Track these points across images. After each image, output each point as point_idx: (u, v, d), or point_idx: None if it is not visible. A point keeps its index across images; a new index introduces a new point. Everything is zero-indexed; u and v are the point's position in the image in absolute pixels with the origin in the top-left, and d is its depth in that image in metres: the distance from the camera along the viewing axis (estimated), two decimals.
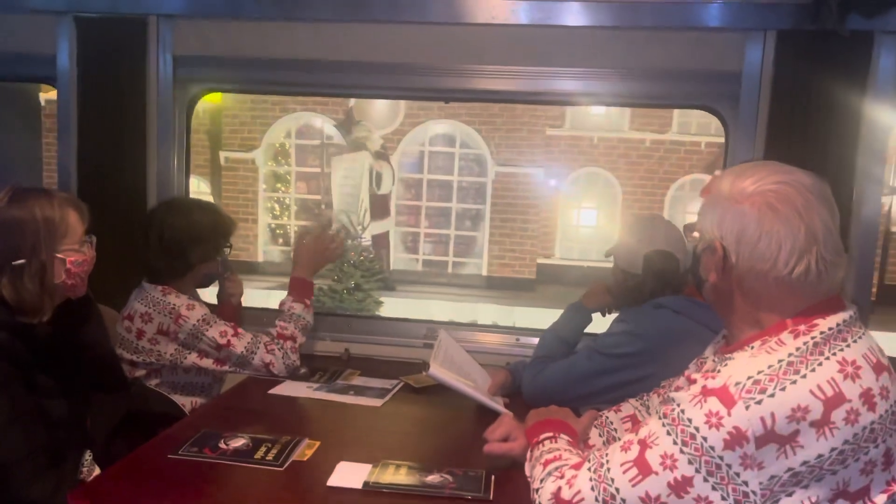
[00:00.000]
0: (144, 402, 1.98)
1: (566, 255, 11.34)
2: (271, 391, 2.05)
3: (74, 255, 1.66)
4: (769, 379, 1.09)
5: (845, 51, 2.08)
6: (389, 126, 10.48)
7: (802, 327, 1.17)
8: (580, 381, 1.92)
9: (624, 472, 1.16)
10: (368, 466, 1.53)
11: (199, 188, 10.68)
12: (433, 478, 1.50)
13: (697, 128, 10.85)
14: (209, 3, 2.42)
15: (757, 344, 1.20)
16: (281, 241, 10.93)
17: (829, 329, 1.16)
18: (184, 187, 2.62)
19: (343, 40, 2.43)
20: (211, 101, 10.01)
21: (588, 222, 11.33)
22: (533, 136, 10.56)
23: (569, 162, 10.96)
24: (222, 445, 1.62)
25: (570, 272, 10.74)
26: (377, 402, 2.00)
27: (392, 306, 7.96)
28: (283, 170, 10.68)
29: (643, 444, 1.16)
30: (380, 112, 10.39)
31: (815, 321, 1.17)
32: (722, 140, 2.45)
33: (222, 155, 10.72)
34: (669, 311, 1.92)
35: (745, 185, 1.20)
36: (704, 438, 1.10)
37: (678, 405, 1.14)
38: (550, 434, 1.46)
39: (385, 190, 9.92)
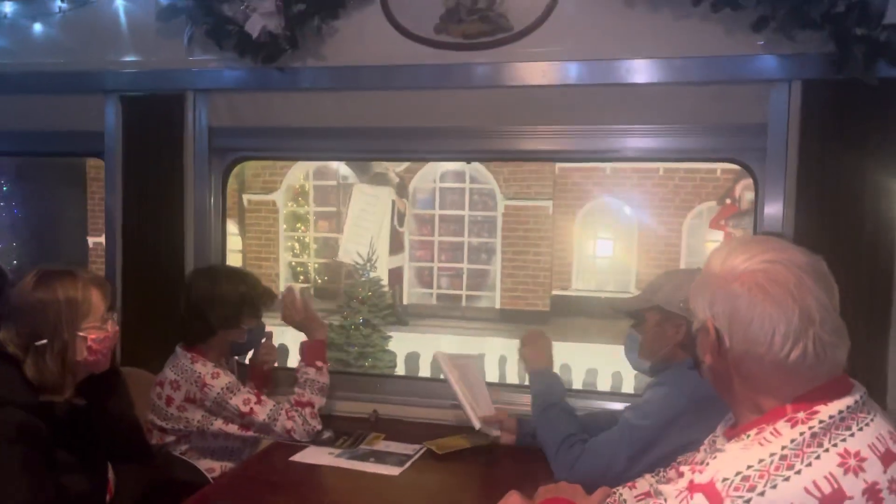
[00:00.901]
0: (170, 470, 2.04)
1: (583, 286, 11.27)
2: (293, 458, 2.07)
3: (96, 332, 1.73)
4: (759, 475, 1.03)
5: (874, 99, 1.98)
6: (400, 165, 10.62)
7: (801, 415, 1.11)
8: (626, 461, 1.76)
9: None
10: None
11: (228, 229, 11.00)
12: None
13: None
14: (240, 78, 2.53)
15: (752, 433, 1.13)
16: (302, 278, 11.15)
17: (831, 417, 1.08)
18: (220, 251, 2.71)
19: (374, 107, 2.48)
20: None
21: (604, 253, 11.24)
22: (541, 168, 10.56)
23: (582, 194, 10.90)
24: None
25: (587, 303, 10.64)
26: (395, 471, 1.99)
27: (399, 341, 7.95)
28: (303, 210, 10.96)
29: None
30: None
31: (816, 408, 1.10)
32: (738, 168, 2.37)
33: (245, 198, 11.14)
34: None
35: (736, 264, 1.15)
36: None
37: (665, 501, 1.09)
38: None
39: (404, 226, 10.00)
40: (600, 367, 6.92)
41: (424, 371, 7.26)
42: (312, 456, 2.09)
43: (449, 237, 11.00)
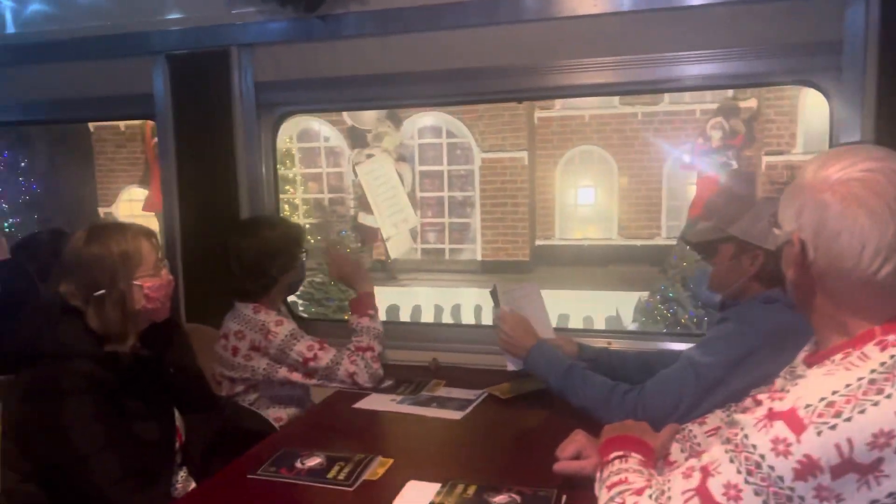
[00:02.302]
0: (237, 419, 2.07)
1: (565, 234, 11.31)
2: (356, 405, 2.08)
3: (150, 280, 1.75)
4: (846, 401, 0.96)
5: None
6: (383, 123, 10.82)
7: (892, 337, 1.03)
8: (694, 399, 1.68)
9: (685, 502, 1.07)
10: (437, 486, 1.51)
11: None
12: (500, 498, 1.45)
13: (692, 97, 10.25)
14: (282, 30, 2.49)
15: (838, 357, 1.06)
16: None
17: None
18: (273, 203, 2.72)
19: (418, 51, 2.42)
20: None
21: (586, 201, 11.26)
22: (516, 120, 10.60)
23: (561, 143, 10.90)
24: (298, 465, 1.65)
25: (570, 251, 10.77)
26: (457, 415, 1.98)
27: (380, 293, 7.97)
28: (292, 173, 11.01)
29: (705, 472, 1.06)
30: (368, 111, 10.35)
31: None
32: (716, 105, 2.22)
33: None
34: (783, 305, 1.67)
35: (830, 173, 1.07)
36: (771, 468, 0.98)
37: (742, 429, 1.03)
38: (621, 453, 1.37)
39: (407, 188, 9.94)
40: (572, 313, 6.63)
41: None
42: (375, 402, 2.09)
43: (429, 192, 11.18)
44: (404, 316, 7.75)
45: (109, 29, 2.68)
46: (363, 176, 9.04)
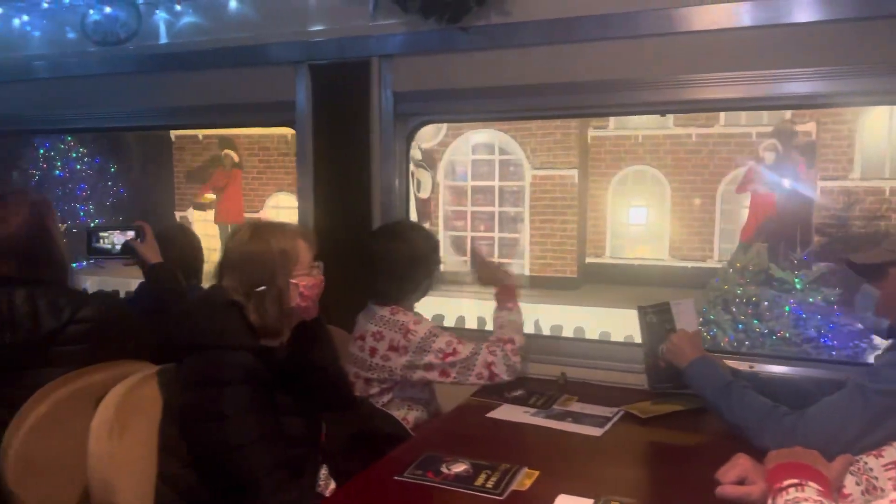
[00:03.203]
0: (372, 420, 2.09)
1: (616, 253, 11.14)
2: (489, 414, 2.06)
3: (306, 279, 1.81)
4: None
5: None
6: (434, 139, 10.92)
7: None
8: (859, 431, 1.60)
9: None
10: (589, 502, 1.47)
11: (289, 202, 11.64)
12: None
13: (748, 118, 9.85)
14: (424, 41, 2.54)
15: None
16: None
17: None
18: (405, 211, 2.76)
19: (556, 63, 2.42)
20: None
21: (638, 220, 11.09)
22: (567, 139, 10.67)
23: (614, 162, 10.87)
24: (444, 470, 1.65)
25: (620, 270, 10.62)
26: (597, 432, 1.93)
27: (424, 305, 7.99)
28: None
29: None
30: (426, 127, 10.58)
31: None
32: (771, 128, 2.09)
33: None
34: None
35: None
36: None
37: None
38: (797, 481, 1.29)
39: (425, 194, 10.07)
40: (613, 330, 6.46)
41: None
42: (508, 413, 2.07)
43: (480, 207, 11.32)
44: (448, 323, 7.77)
45: (256, 39, 2.80)
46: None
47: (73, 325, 1.99)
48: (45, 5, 3.25)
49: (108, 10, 3.12)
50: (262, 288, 1.75)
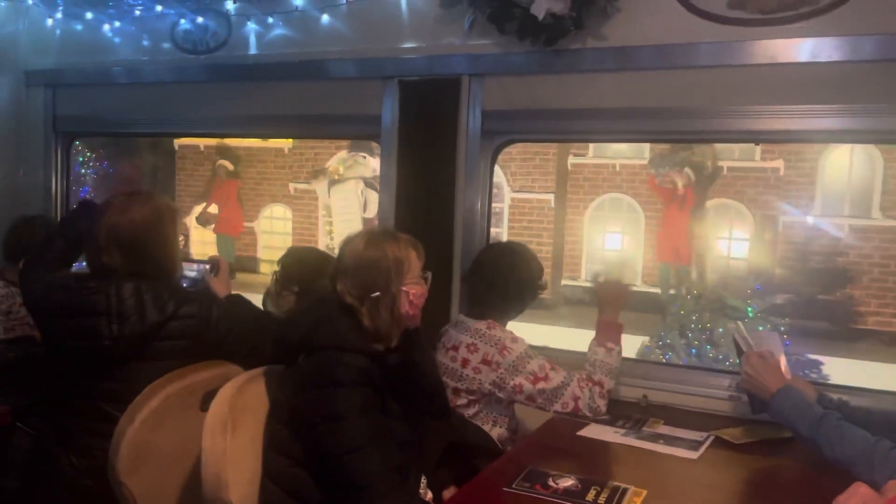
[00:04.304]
0: (464, 432, 2.11)
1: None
2: (580, 433, 2.08)
3: (416, 287, 1.85)
4: None
5: None
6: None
7: None
8: None
9: None
10: None
11: (283, 214, 12.32)
12: None
13: (719, 153, 10.13)
14: (514, 62, 2.59)
15: None
16: None
17: None
18: (485, 231, 2.79)
19: (643, 88, 2.46)
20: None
21: (613, 246, 11.41)
22: (546, 164, 11.11)
23: (592, 188, 11.22)
24: (552, 484, 1.67)
25: (594, 293, 10.52)
26: (692, 455, 1.94)
27: None
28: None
29: None
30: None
31: None
32: None
33: (291, 186, 12.03)
34: None
35: None
36: None
37: None
38: None
39: (370, 214, 9.89)
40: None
41: None
42: (599, 432, 2.09)
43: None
44: None
45: (348, 54, 2.87)
46: (332, 197, 9.88)
47: (175, 320, 2.04)
48: (138, 13, 3.36)
49: (199, 19, 3.22)
50: (377, 294, 1.80)
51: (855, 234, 9.47)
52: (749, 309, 5.85)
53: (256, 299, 2.41)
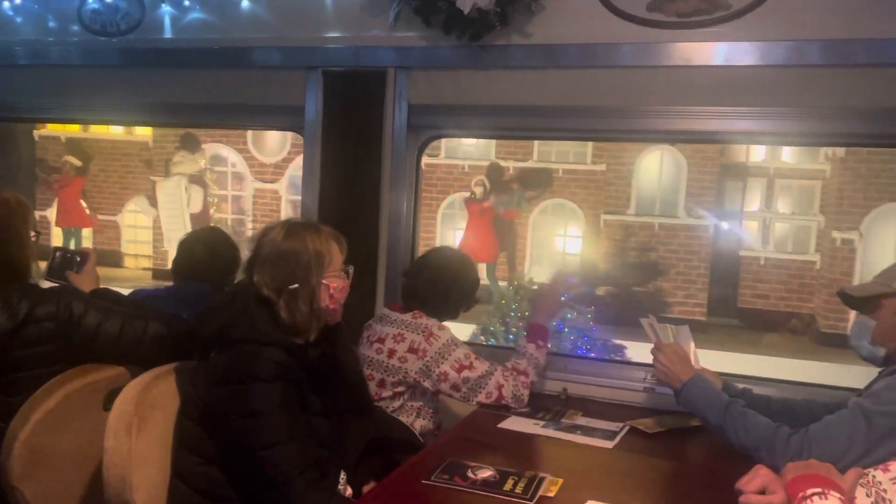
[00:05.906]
0: (385, 427, 2.09)
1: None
2: (500, 425, 2.09)
3: (336, 281, 1.82)
4: None
5: None
6: (279, 154, 11.47)
7: None
8: (862, 450, 1.69)
9: None
10: None
11: (145, 206, 12.00)
12: None
13: (557, 156, 11.02)
14: (442, 56, 2.57)
15: None
16: None
17: None
18: (412, 227, 2.77)
19: (569, 86, 2.48)
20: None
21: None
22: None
23: (445, 188, 11.47)
24: (470, 475, 1.67)
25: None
26: (608, 444, 1.99)
27: None
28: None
29: None
30: (272, 142, 11.49)
31: None
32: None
33: (151, 179, 11.75)
34: None
35: None
36: None
37: None
38: (820, 490, 1.36)
39: (195, 209, 10.14)
40: None
41: None
42: (519, 425, 2.11)
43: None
44: None
45: (270, 41, 2.79)
46: (158, 193, 9.95)
47: (31, 325, 1.83)
48: None
49: None
50: (295, 286, 1.75)
51: (664, 232, 10.32)
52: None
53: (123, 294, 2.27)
